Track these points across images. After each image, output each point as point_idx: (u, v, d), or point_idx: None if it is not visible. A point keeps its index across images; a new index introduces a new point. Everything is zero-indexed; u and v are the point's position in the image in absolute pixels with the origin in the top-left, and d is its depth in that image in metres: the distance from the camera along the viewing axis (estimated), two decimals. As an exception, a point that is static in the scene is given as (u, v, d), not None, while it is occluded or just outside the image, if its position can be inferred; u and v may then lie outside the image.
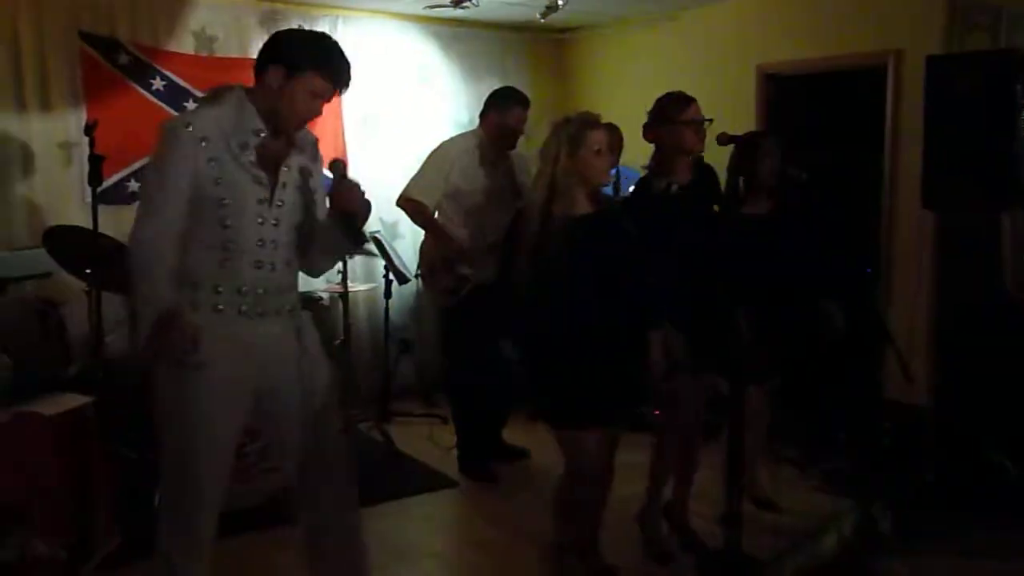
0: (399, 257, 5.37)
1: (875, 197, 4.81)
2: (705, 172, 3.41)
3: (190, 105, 5.12)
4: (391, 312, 5.57)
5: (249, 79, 2.44)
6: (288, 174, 2.48)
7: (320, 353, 2.64)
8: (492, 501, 4.27)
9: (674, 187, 2.93)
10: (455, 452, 4.66)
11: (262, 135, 2.40)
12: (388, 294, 5.40)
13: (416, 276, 4.63)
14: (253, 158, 2.40)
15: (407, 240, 5.85)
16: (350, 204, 2.47)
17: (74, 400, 3.26)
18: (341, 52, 2.46)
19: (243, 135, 2.38)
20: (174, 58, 5.14)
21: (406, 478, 4.46)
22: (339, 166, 2.51)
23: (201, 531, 2.49)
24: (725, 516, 2.89)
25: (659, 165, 3.33)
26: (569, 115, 2.97)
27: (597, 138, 2.91)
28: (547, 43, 6.69)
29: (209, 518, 2.49)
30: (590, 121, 2.94)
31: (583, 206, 2.95)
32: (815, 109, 5.18)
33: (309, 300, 4.77)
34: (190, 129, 2.34)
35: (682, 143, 3.29)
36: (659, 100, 3.40)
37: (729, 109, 3.47)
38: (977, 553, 3.72)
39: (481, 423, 4.65)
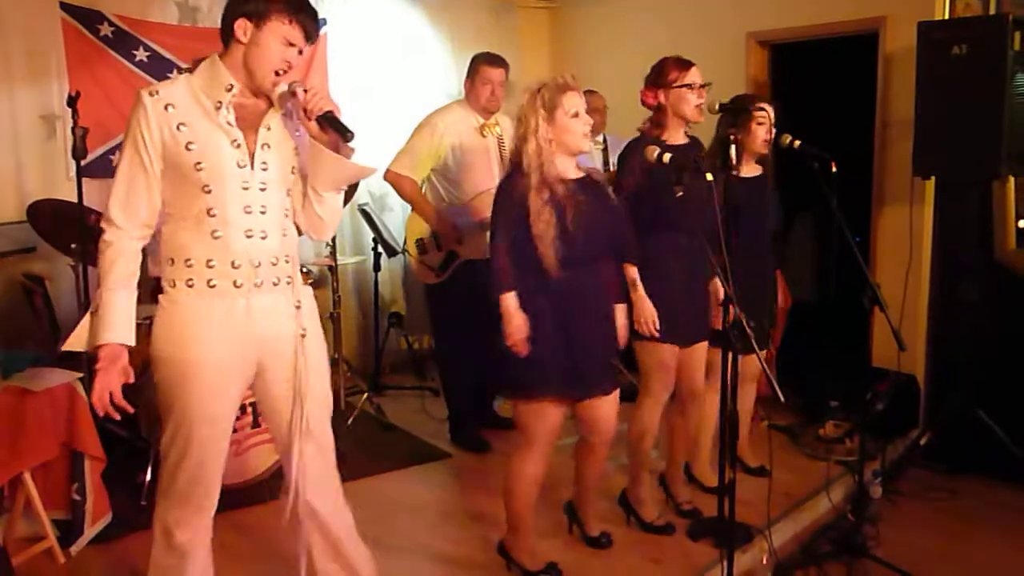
0: (388, 230, 5.34)
1: (866, 164, 4.79)
2: (695, 141, 3.40)
3: (173, 75, 5.06)
4: (380, 285, 5.55)
5: None
6: (269, 135, 2.41)
7: (319, 331, 2.60)
8: (484, 471, 4.26)
9: (666, 155, 2.90)
10: (447, 423, 4.66)
11: (233, 89, 2.34)
12: (377, 267, 5.37)
13: (402, 251, 4.57)
14: (231, 119, 2.34)
15: (396, 213, 5.81)
16: (323, 103, 2.35)
17: (63, 376, 3.22)
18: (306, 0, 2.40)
19: (216, 94, 2.33)
20: (157, 29, 5.05)
21: (399, 450, 4.46)
22: (295, 83, 2.39)
23: (204, 508, 2.48)
24: (718, 484, 2.90)
25: (654, 128, 3.31)
26: (544, 80, 2.92)
27: (573, 101, 2.87)
28: (536, 13, 6.62)
29: (211, 494, 2.49)
30: (564, 84, 2.89)
31: (569, 172, 2.92)
32: (807, 76, 5.15)
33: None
34: (155, 96, 2.29)
35: (680, 107, 3.27)
36: (658, 63, 3.37)
37: (719, 76, 3.45)
38: (970, 517, 3.76)
39: (471, 394, 4.64)
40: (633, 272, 3.18)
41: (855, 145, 4.81)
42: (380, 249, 5.30)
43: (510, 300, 2.87)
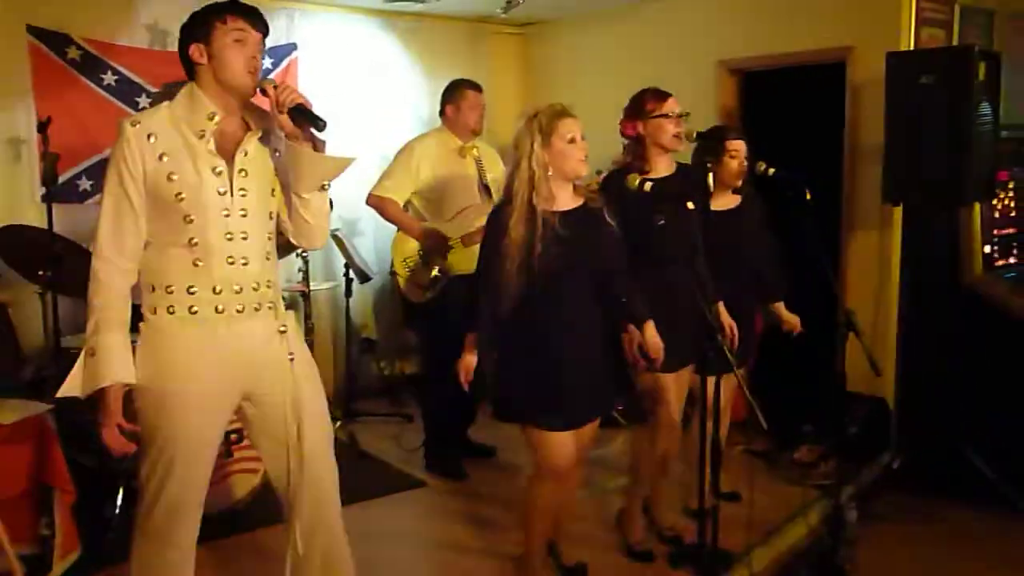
0: (359, 255, 5.31)
1: (834, 190, 4.85)
2: (684, 170, 3.42)
3: (143, 100, 5.01)
4: (351, 311, 5.50)
5: None
6: (247, 160, 2.40)
7: (307, 354, 2.58)
8: (461, 500, 4.23)
9: (648, 184, 2.92)
10: (421, 451, 4.62)
11: (215, 118, 2.34)
12: (349, 292, 5.33)
13: (390, 273, 4.56)
14: (212, 146, 2.34)
15: (367, 238, 5.79)
16: (293, 95, 2.34)
17: (33, 408, 3.15)
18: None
19: (198, 122, 2.34)
20: (126, 52, 5.00)
21: (374, 479, 4.41)
22: (265, 81, 2.39)
23: (184, 540, 2.44)
24: (698, 509, 2.91)
25: (636, 160, 3.33)
26: (539, 107, 2.94)
27: (569, 127, 2.88)
28: (507, 37, 6.66)
29: (191, 529, 2.45)
30: (560, 111, 2.92)
31: (565, 200, 2.93)
32: (776, 103, 5.22)
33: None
34: (136, 127, 2.30)
35: (659, 137, 3.30)
36: (636, 94, 3.41)
37: (690, 103, 3.49)
38: (945, 540, 3.79)
39: (451, 420, 4.61)
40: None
41: (823, 171, 4.88)
42: (352, 275, 5.25)
43: (469, 339, 2.97)
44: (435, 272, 4.36)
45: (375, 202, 4.45)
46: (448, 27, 6.25)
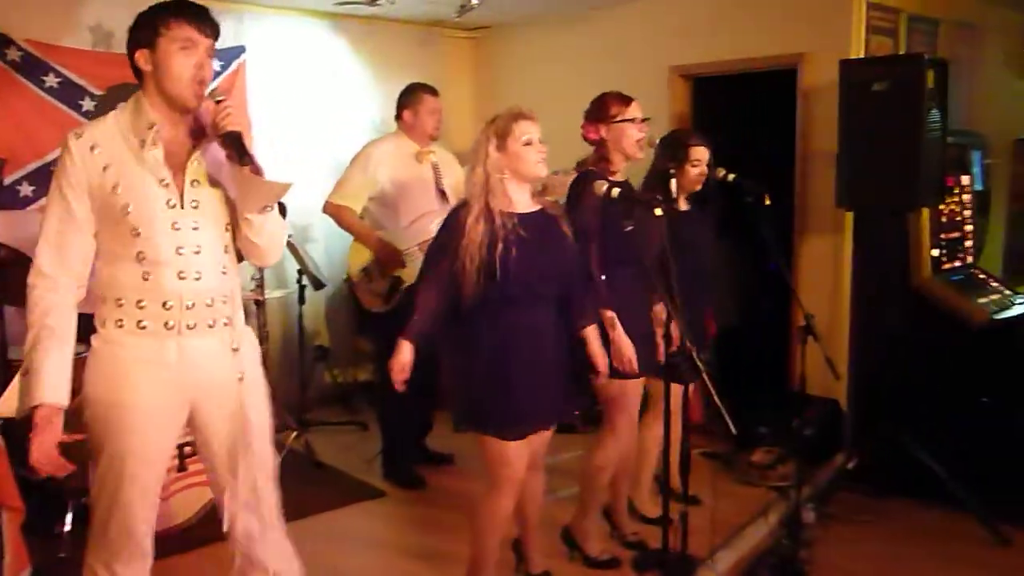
0: (313, 261, 5.23)
1: (786, 194, 4.92)
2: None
3: (87, 103, 4.87)
4: (304, 318, 5.42)
5: None
6: (198, 170, 2.32)
7: (259, 377, 2.50)
8: (421, 509, 4.19)
9: (616, 190, 2.91)
10: (379, 459, 4.56)
11: (155, 127, 2.25)
12: (302, 300, 5.24)
13: (345, 281, 4.50)
14: (159, 155, 2.25)
15: (320, 244, 5.72)
16: (229, 121, 2.27)
17: (-21, 422, 3.02)
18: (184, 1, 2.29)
19: (139, 131, 2.25)
20: (69, 54, 4.85)
21: (333, 489, 4.34)
22: (211, 93, 2.32)
23: (136, 557, 2.36)
24: (663, 515, 2.93)
25: (598, 163, 3.33)
26: (500, 111, 2.93)
27: (525, 129, 2.86)
28: (459, 41, 6.63)
29: (145, 542, 2.38)
30: (517, 113, 2.90)
31: (523, 203, 2.91)
32: (727, 108, 5.28)
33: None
34: (80, 138, 2.23)
35: (622, 142, 3.30)
36: (598, 98, 3.40)
37: (644, 108, 3.50)
38: (897, 538, 3.86)
39: (408, 429, 4.57)
40: (609, 313, 3.18)
41: (774, 175, 4.94)
42: (305, 281, 5.17)
43: (404, 343, 2.89)
44: (391, 282, 4.31)
45: (332, 210, 4.39)
46: (400, 30, 6.20)
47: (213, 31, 2.30)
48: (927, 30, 5.08)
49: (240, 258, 2.51)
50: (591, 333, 3.07)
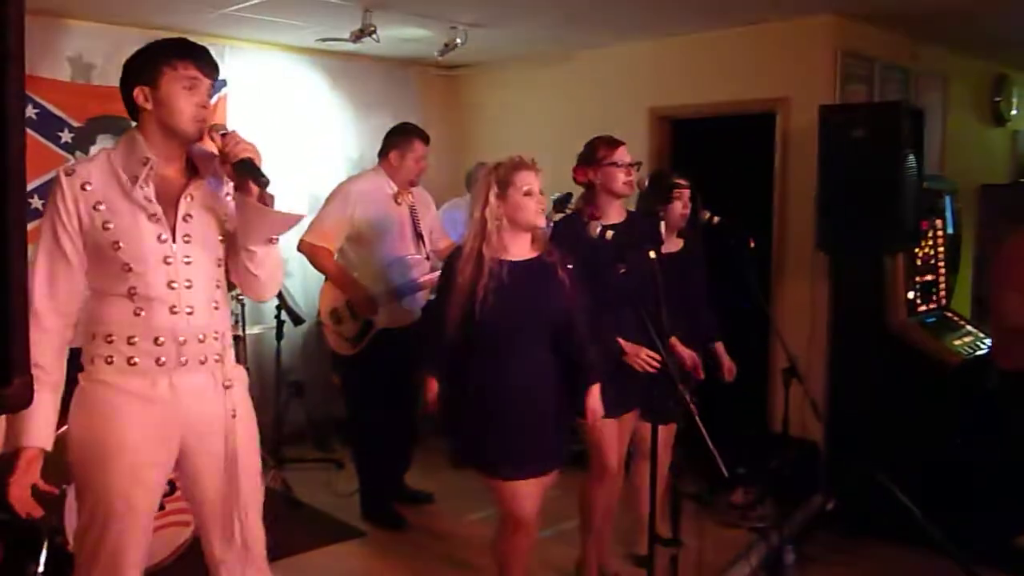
0: (292, 297, 5.18)
1: (764, 238, 4.99)
2: (633, 217, 3.47)
3: (65, 135, 4.82)
4: (281, 354, 5.35)
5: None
6: (191, 204, 2.31)
7: (251, 414, 2.48)
8: (402, 550, 4.13)
9: (608, 232, 2.94)
10: (357, 498, 4.51)
11: (149, 163, 2.24)
12: (280, 335, 5.18)
13: (317, 323, 4.45)
14: (150, 194, 2.24)
15: (296, 279, 5.66)
16: (239, 150, 2.27)
17: (-45, 461, 2.93)
18: (186, 40, 2.32)
19: (133, 168, 2.24)
20: (47, 85, 4.80)
21: (311, 529, 4.27)
22: (213, 127, 2.32)
23: None
24: (648, 555, 2.94)
25: (588, 207, 3.36)
26: (501, 160, 2.96)
27: (526, 179, 2.90)
28: (438, 78, 6.66)
29: None
30: (519, 163, 2.94)
31: (520, 250, 2.94)
32: (706, 152, 5.35)
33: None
34: (70, 177, 2.21)
35: (611, 185, 3.34)
36: (589, 142, 3.45)
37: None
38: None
39: (384, 468, 4.51)
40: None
41: (751, 218, 5.01)
42: (284, 317, 5.12)
43: (427, 376, 3.00)
44: (362, 325, 4.27)
45: (307, 249, 4.26)
46: (378, 67, 6.22)
47: (215, 71, 2.33)
48: (899, 78, 5.22)
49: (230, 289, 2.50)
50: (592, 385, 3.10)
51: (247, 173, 2.26)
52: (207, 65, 2.29)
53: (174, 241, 2.27)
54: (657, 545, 3.06)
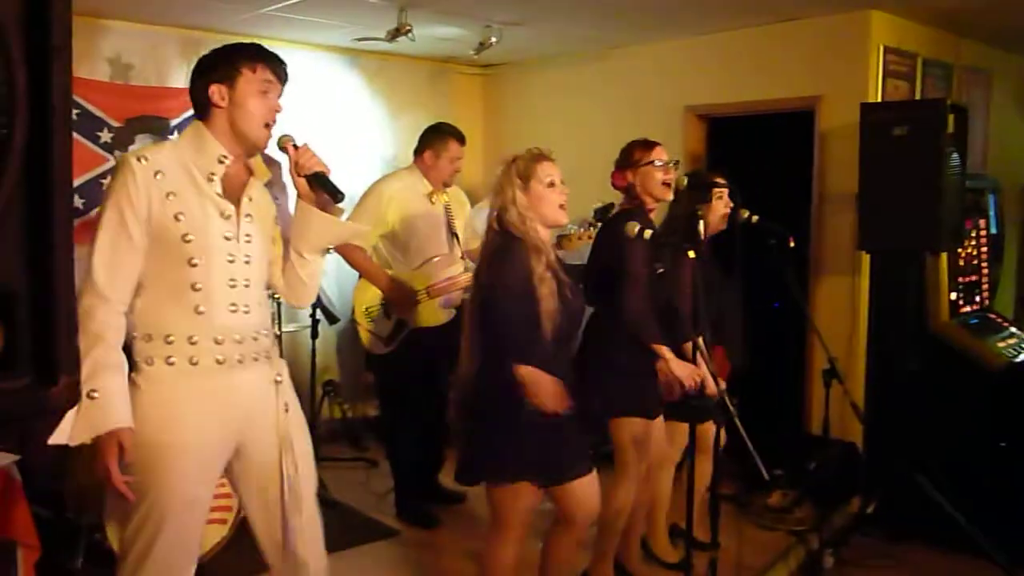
0: (326, 295, 5.19)
1: (801, 237, 4.92)
2: (673, 217, 3.44)
3: (104, 135, 4.87)
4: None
5: (167, 108, 2.34)
6: (251, 205, 2.35)
7: (298, 406, 2.50)
8: (435, 549, 4.14)
9: (647, 232, 2.91)
10: (391, 497, 4.51)
11: (226, 160, 2.28)
12: (315, 334, 5.20)
13: (351, 321, 4.46)
14: (220, 189, 2.28)
15: (330, 277, 5.68)
16: (314, 164, 2.35)
17: (-1, 458, 2.97)
18: (262, 46, 2.38)
19: (208, 164, 2.27)
20: (86, 85, 4.84)
21: (345, 528, 4.26)
22: (286, 138, 2.40)
23: None
24: (685, 559, 2.91)
25: (627, 208, 3.33)
26: (518, 152, 2.91)
27: (548, 170, 2.84)
28: (473, 78, 6.66)
29: None
30: (538, 154, 2.88)
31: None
32: (743, 151, 5.30)
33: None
34: (143, 162, 2.20)
35: (650, 186, 3.31)
36: (626, 146, 3.44)
37: (658, 149, 3.54)
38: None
39: (418, 467, 4.51)
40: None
41: (787, 217, 4.95)
42: (319, 316, 5.13)
43: (527, 369, 2.71)
44: (396, 324, 4.27)
45: (341, 249, 4.22)
46: (411, 66, 6.23)
47: (286, 79, 2.38)
48: (941, 75, 5.13)
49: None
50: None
51: (323, 187, 2.34)
52: (282, 72, 2.36)
53: (237, 240, 2.30)
54: (694, 549, 3.01)
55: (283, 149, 2.37)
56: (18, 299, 0.75)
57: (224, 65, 2.30)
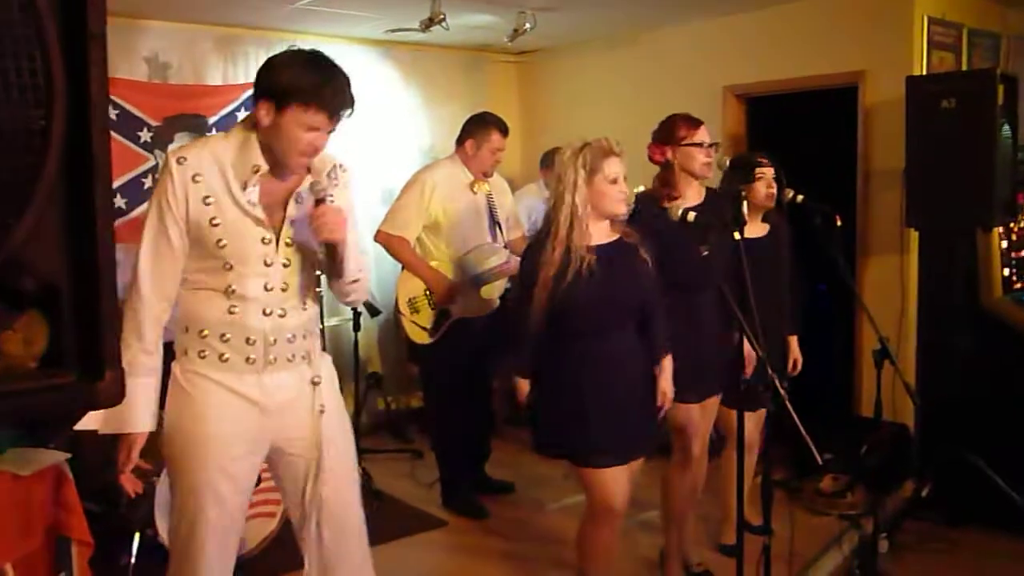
0: (368, 289, 5.20)
1: (850, 217, 4.83)
2: (712, 196, 3.37)
3: (144, 134, 4.91)
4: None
5: (205, 106, 2.30)
6: (297, 209, 2.31)
7: (340, 407, 2.49)
8: (483, 540, 4.13)
9: (691, 214, 2.86)
10: (437, 488, 4.51)
11: (260, 171, 2.23)
12: (357, 327, 5.21)
13: (394, 313, 4.47)
14: (254, 198, 2.23)
15: (371, 270, 5.69)
16: (329, 232, 2.24)
17: (51, 457, 3.00)
18: (333, 75, 2.20)
19: (243, 173, 2.23)
20: (125, 85, 4.89)
21: (392, 519, 4.27)
22: (317, 188, 2.26)
23: None
24: (737, 545, 2.87)
25: (664, 187, 3.27)
26: (587, 141, 2.89)
27: (614, 167, 2.85)
28: (508, 65, 6.63)
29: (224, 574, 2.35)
30: (607, 149, 2.87)
31: (600, 235, 2.88)
32: (783, 130, 5.20)
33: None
34: (182, 164, 2.19)
35: (691, 165, 3.24)
36: (666, 120, 3.35)
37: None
38: (972, 568, 3.74)
39: (464, 457, 4.51)
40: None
41: (831, 196, 4.85)
42: (361, 308, 5.14)
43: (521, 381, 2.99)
44: (439, 314, 4.27)
45: (384, 239, 4.28)
46: (446, 56, 6.21)
47: (340, 120, 2.24)
48: (989, 44, 4.99)
49: None
50: (664, 363, 3.04)
51: (330, 257, 2.34)
52: (337, 117, 2.21)
53: (277, 244, 2.28)
54: (746, 533, 2.97)
55: (312, 190, 2.27)
56: (61, 294, 0.73)
57: (281, 86, 2.15)
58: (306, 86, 2.14)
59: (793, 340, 3.94)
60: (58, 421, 2.68)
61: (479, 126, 4.33)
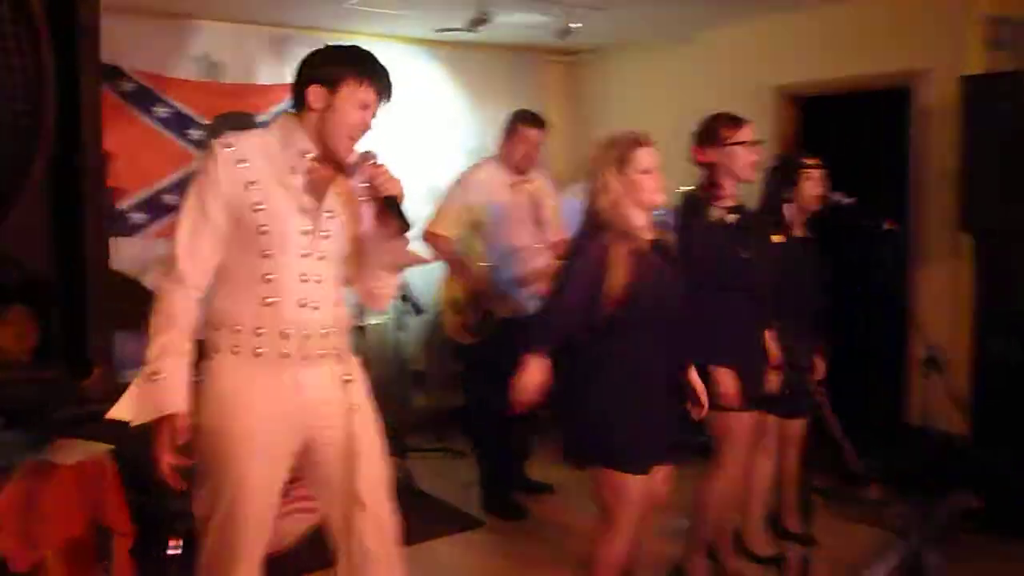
0: (412, 287, 5.21)
1: (902, 221, 4.71)
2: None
3: (195, 133, 4.99)
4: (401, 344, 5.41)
5: (255, 104, 2.32)
6: (336, 201, 2.33)
7: (369, 407, 2.48)
8: (522, 541, 4.11)
9: (731, 216, 2.81)
10: (478, 488, 4.51)
11: (309, 156, 2.27)
12: (401, 325, 5.24)
13: (438, 312, 4.48)
14: (301, 183, 2.27)
15: (415, 269, 5.69)
16: (390, 185, 2.30)
17: (93, 448, 3.06)
18: (376, 59, 2.34)
19: (291, 157, 2.27)
20: (178, 85, 4.99)
21: (431, 518, 4.27)
22: (368, 154, 2.34)
23: None
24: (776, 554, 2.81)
25: (709, 188, 3.22)
26: (616, 135, 2.85)
27: (645, 157, 2.78)
28: (556, 65, 6.60)
29: (253, 571, 2.36)
30: (636, 139, 2.82)
31: (643, 230, 2.82)
32: (835, 131, 5.10)
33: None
34: (229, 150, 2.22)
35: (734, 165, 3.18)
36: (709, 120, 3.29)
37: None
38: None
39: (505, 458, 4.49)
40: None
41: (886, 200, 4.75)
42: (402, 308, 5.16)
43: (536, 359, 2.80)
44: (483, 315, 4.26)
45: (430, 239, 4.30)
46: (496, 56, 6.20)
47: (389, 97, 2.34)
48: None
49: None
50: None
51: (392, 212, 2.31)
52: (386, 93, 2.32)
53: (315, 236, 2.29)
54: (785, 541, 2.89)
55: (361, 164, 2.32)
56: (51, 289, 0.73)
57: (330, 68, 2.26)
58: (358, 63, 2.28)
59: (822, 347, 3.85)
60: (45, 413, 2.67)
61: (509, 121, 4.36)
